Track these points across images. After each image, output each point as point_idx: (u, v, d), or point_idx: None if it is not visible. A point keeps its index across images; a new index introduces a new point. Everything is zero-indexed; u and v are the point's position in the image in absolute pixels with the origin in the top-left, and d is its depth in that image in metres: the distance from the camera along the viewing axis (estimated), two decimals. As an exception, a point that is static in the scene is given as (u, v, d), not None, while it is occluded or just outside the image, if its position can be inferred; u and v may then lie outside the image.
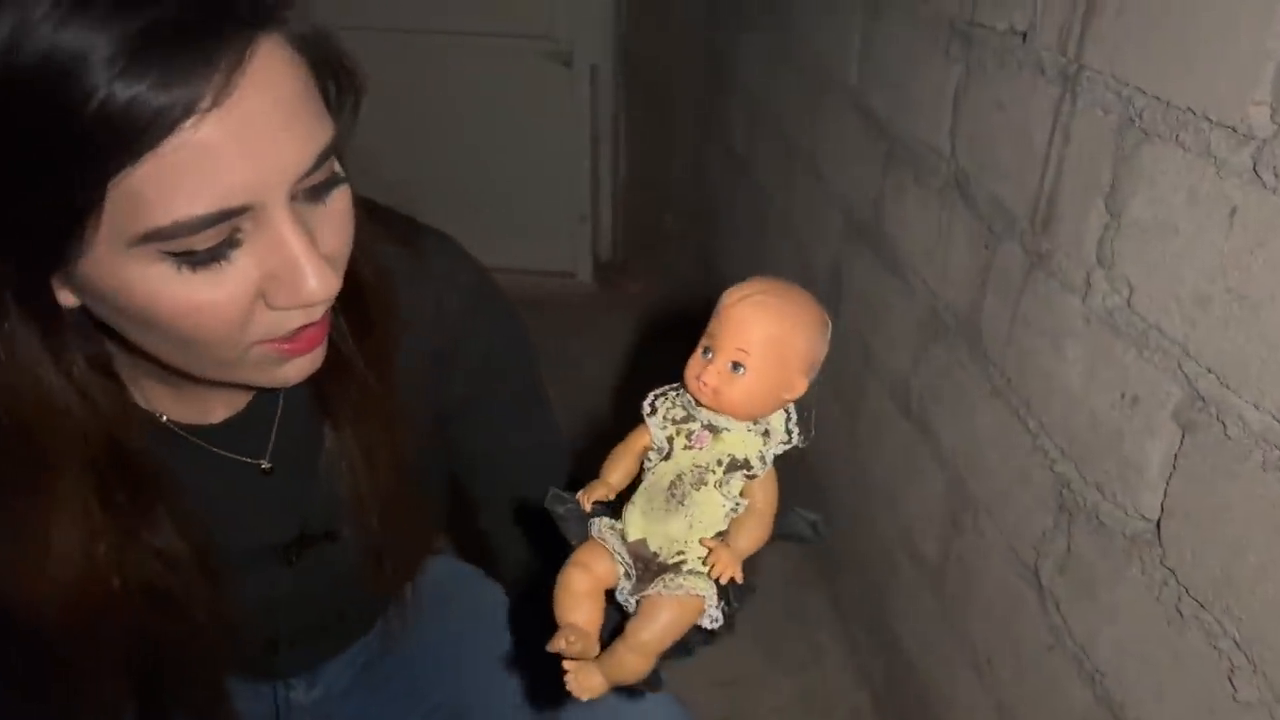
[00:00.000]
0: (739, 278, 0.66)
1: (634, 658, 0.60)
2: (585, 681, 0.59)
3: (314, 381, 0.83)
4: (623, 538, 0.62)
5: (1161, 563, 0.97)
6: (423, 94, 2.98)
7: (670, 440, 0.63)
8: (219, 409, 0.88)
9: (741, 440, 0.63)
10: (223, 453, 0.88)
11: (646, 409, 0.65)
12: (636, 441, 0.65)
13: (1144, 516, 1.00)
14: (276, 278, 0.66)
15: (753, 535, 0.62)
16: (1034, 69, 1.16)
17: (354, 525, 0.94)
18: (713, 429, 0.63)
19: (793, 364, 0.62)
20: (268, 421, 0.90)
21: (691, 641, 0.64)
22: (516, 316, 1.01)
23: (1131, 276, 1.00)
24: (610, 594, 0.64)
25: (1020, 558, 1.26)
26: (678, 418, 0.64)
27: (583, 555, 0.63)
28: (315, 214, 0.68)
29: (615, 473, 0.65)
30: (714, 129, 2.95)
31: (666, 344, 2.97)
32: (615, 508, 0.65)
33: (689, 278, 3.24)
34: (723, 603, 0.62)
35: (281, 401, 0.90)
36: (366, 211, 0.80)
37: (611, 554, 0.62)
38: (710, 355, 0.62)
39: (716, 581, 0.61)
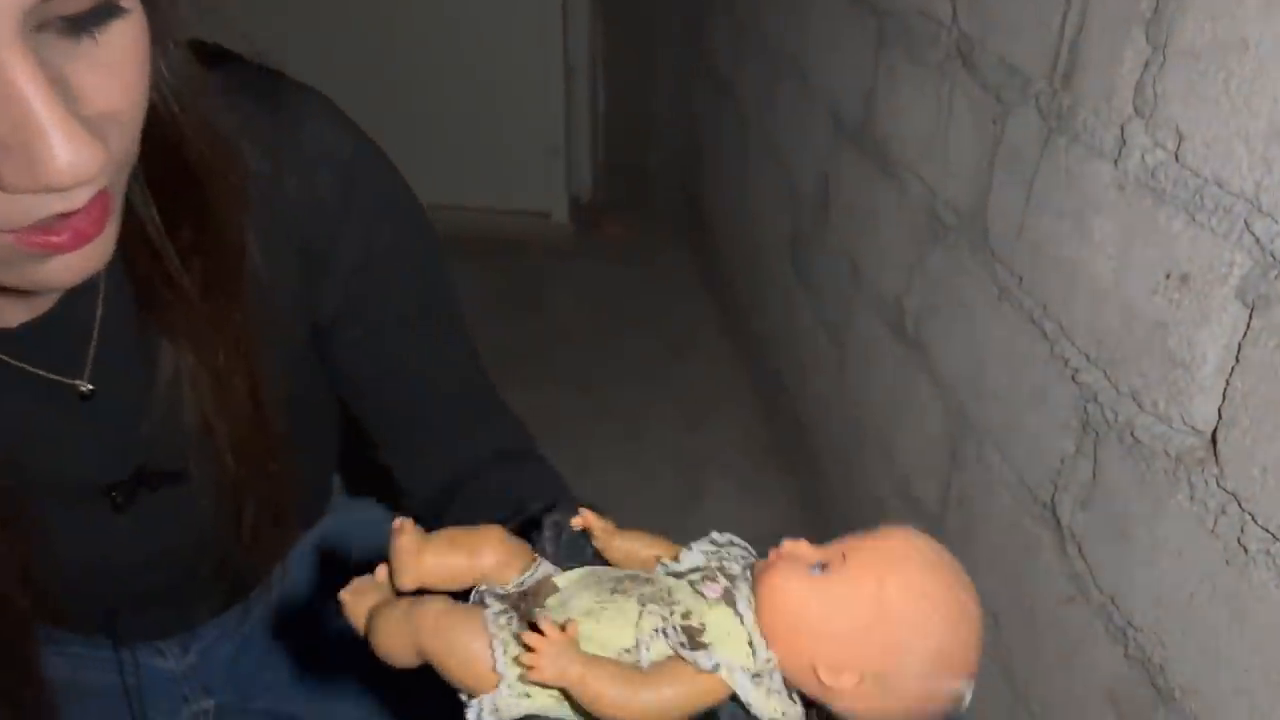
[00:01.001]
0: (722, 218, 0.43)
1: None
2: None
3: (135, 285, 0.63)
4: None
5: (1218, 485, 0.75)
6: (385, 18, 2.75)
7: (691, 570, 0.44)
8: (13, 309, 0.66)
9: (731, 644, 0.41)
10: (25, 367, 0.68)
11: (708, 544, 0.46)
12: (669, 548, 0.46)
13: (1194, 428, 0.78)
14: (6, 147, 0.46)
15: (616, 685, 0.40)
16: (1054, -116, 0.94)
17: (202, 464, 0.73)
18: (729, 599, 0.42)
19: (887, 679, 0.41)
20: (82, 330, 0.69)
21: None
22: (412, 200, 0.79)
23: (1181, 122, 0.78)
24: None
25: (1034, 493, 1.04)
26: (712, 564, 0.44)
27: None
28: (79, 56, 0.48)
29: (629, 541, 0.47)
30: (698, 53, 2.73)
31: (648, 291, 2.76)
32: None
33: (674, 220, 3.02)
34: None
35: (101, 306, 0.69)
36: (206, 59, 0.61)
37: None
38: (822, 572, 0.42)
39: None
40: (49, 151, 0.45)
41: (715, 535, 0.46)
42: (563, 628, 0.40)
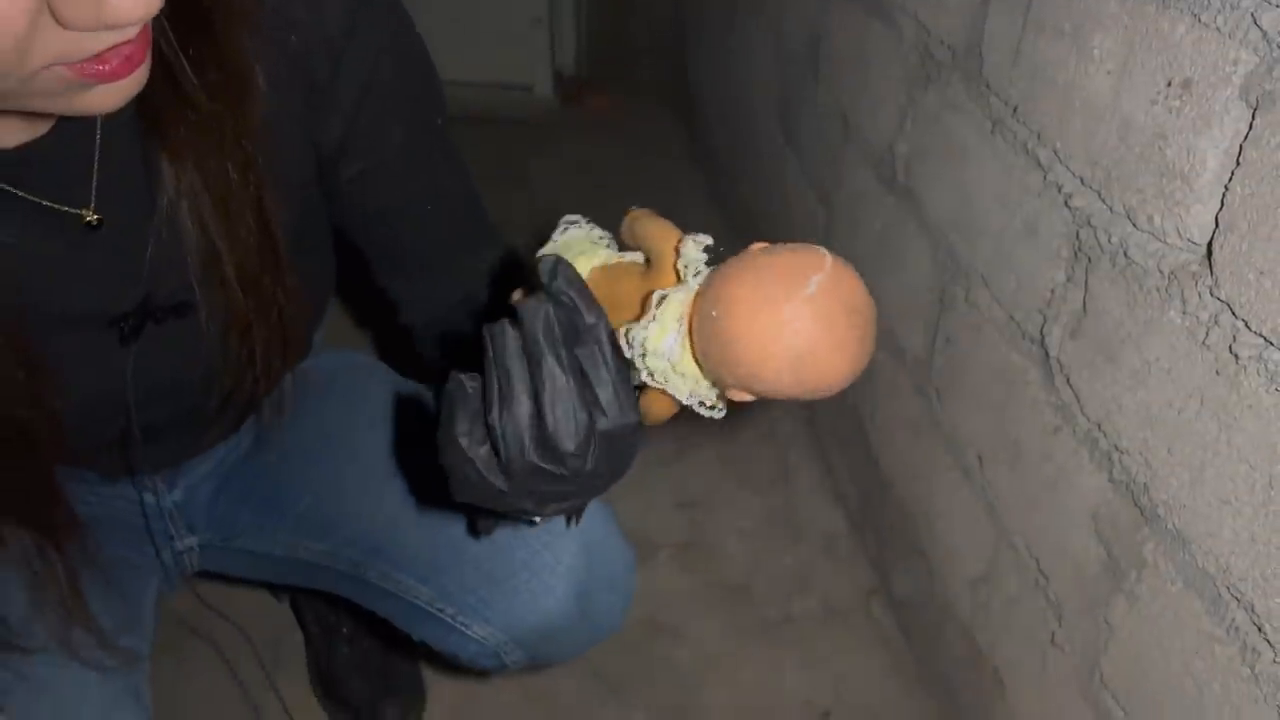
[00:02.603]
0: (709, 86, 0.41)
1: None
2: None
3: (141, 103, 0.61)
4: None
5: (1212, 294, 0.74)
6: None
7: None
8: (10, 130, 0.64)
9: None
10: (28, 197, 0.66)
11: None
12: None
13: (1191, 241, 0.77)
14: None
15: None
16: None
17: (209, 293, 0.73)
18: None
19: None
20: (84, 153, 0.67)
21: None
22: (410, 28, 0.78)
23: (1189, -84, 0.74)
24: None
25: (1022, 328, 1.03)
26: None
27: None
28: None
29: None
30: (683, -88, 2.62)
31: (633, 166, 2.71)
32: None
33: (658, 91, 2.94)
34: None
35: (99, 127, 0.67)
36: None
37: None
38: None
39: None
40: None
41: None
42: None
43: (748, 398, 0.52)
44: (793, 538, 1.64)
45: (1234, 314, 0.72)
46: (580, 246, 0.60)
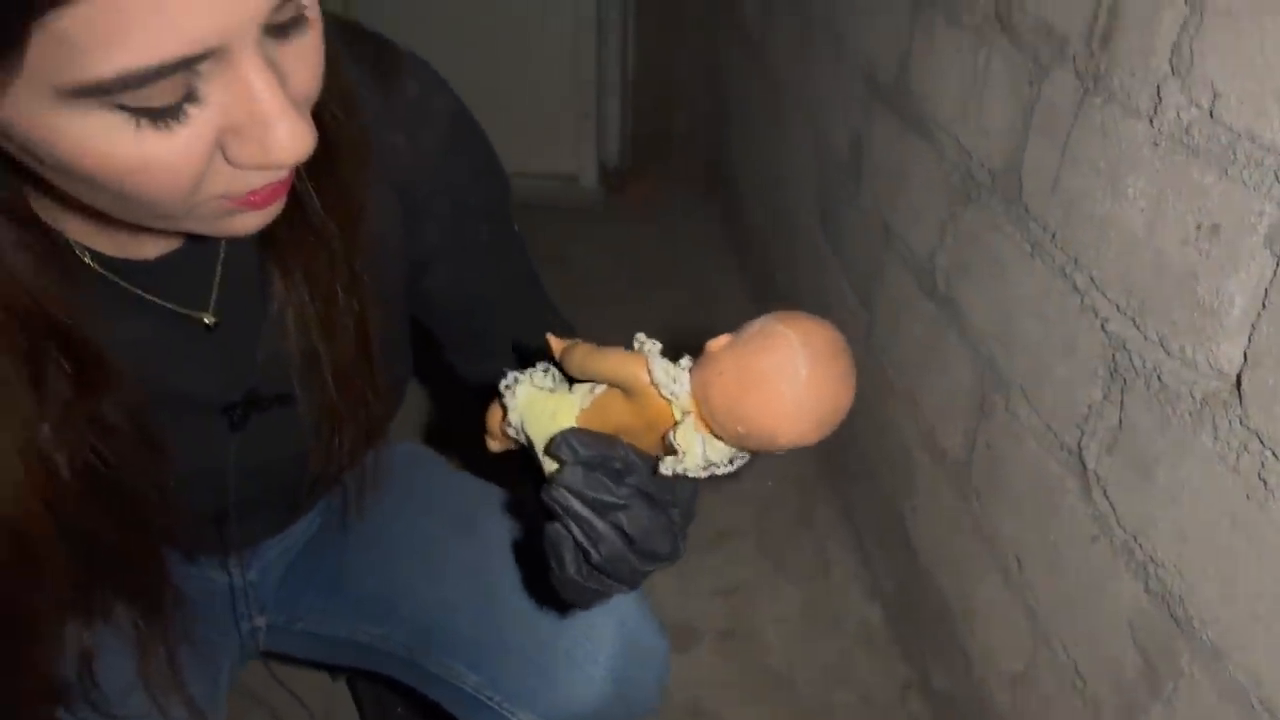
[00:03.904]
0: (750, 179, 0.49)
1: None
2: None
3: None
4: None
5: (1241, 423, 0.80)
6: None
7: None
8: (150, 244, 0.74)
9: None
10: (159, 301, 0.75)
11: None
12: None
13: (1220, 371, 0.83)
14: (240, 132, 0.54)
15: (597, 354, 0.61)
16: None
17: (307, 389, 0.81)
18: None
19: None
20: (208, 264, 0.77)
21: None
22: (493, 154, 0.89)
23: (1216, 79, 0.82)
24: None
25: (1060, 440, 1.09)
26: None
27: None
28: (285, 49, 0.55)
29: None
30: (727, 16, 2.75)
31: (673, 255, 2.80)
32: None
33: (700, 183, 3.05)
34: None
35: (224, 242, 0.77)
36: (329, 26, 0.68)
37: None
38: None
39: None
40: (278, 137, 0.53)
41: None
42: None
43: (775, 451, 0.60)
44: (831, 628, 1.68)
45: (1262, 443, 0.78)
46: (543, 405, 0.64)
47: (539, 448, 0.63)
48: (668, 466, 0.59)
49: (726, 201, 2.82)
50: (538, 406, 0.63)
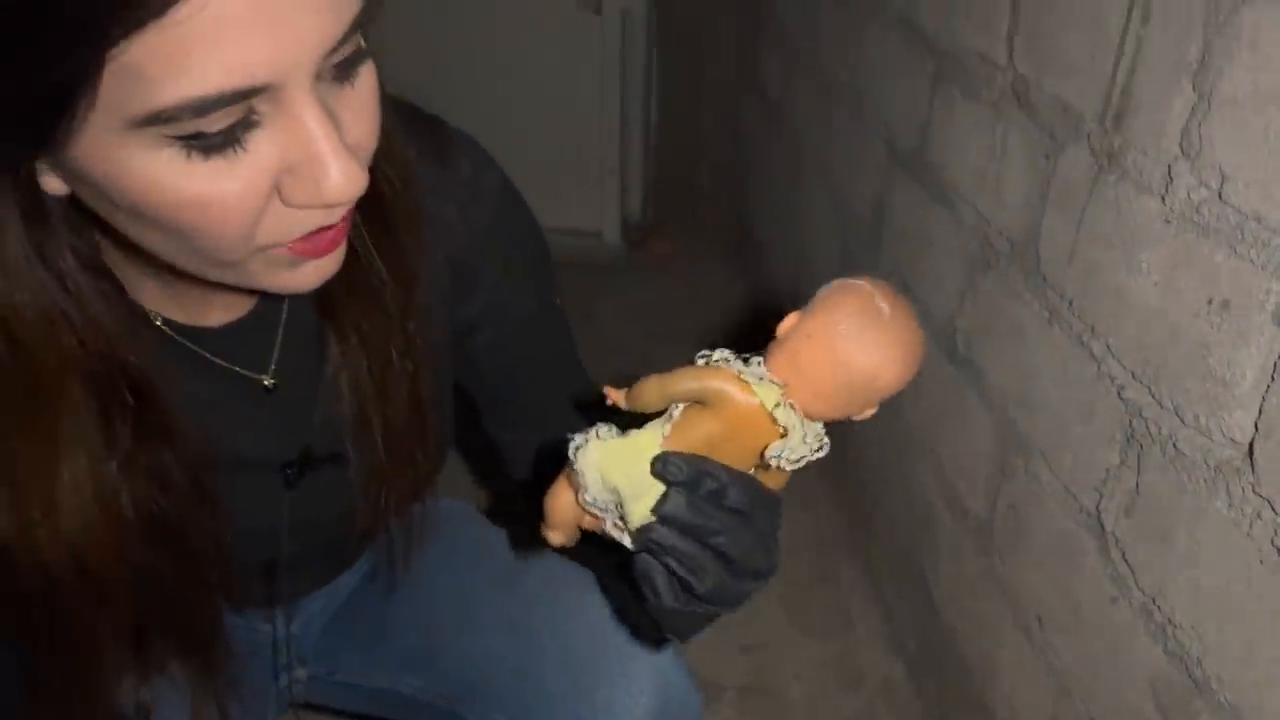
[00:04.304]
0: (771, 237, 0.54)
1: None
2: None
3: (323, 288, 0.75)
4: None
5: (1254, 491, 0.84)
6: (447, 39, 2.86)
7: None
8: (217, 312, 0.79)
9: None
10: (221, 363, 0.80)
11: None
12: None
13: (1233, 440, 0.87)
14: (295, 171, 0.57)
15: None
16: (1109, -57, 1.03)
17: (359, 449, 0.85)
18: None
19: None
20: (270, 329, 0.82)
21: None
22: (538, 227, 0.94)
23: (1224, 163, 0.86)
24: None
25: (1079, 502, 1.12)
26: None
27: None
28: (340, 97, 0.59)
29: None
30: (748, 76, 2.82)
31: (695, 310, 2.85)
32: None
33: (722, 239, 3.11)
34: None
35: (286, 309, 0.82)
36: (389, 102, 0.72)
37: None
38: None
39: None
40: (329, 176, 0.56)
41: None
42: None
43: (872, 412, 0.63)
44: (853, 684, 1.70)
45: (1275, 511, 0.81)
46: (621, 450, 0.61)
47: (628, 494, 0.59)
48: (774, 451, 0.59)
49: (749, 257, 2.87)
50: (616, 454, 0.60)
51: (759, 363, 0.60)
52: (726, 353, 0.61)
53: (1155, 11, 0.95)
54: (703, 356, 0.61)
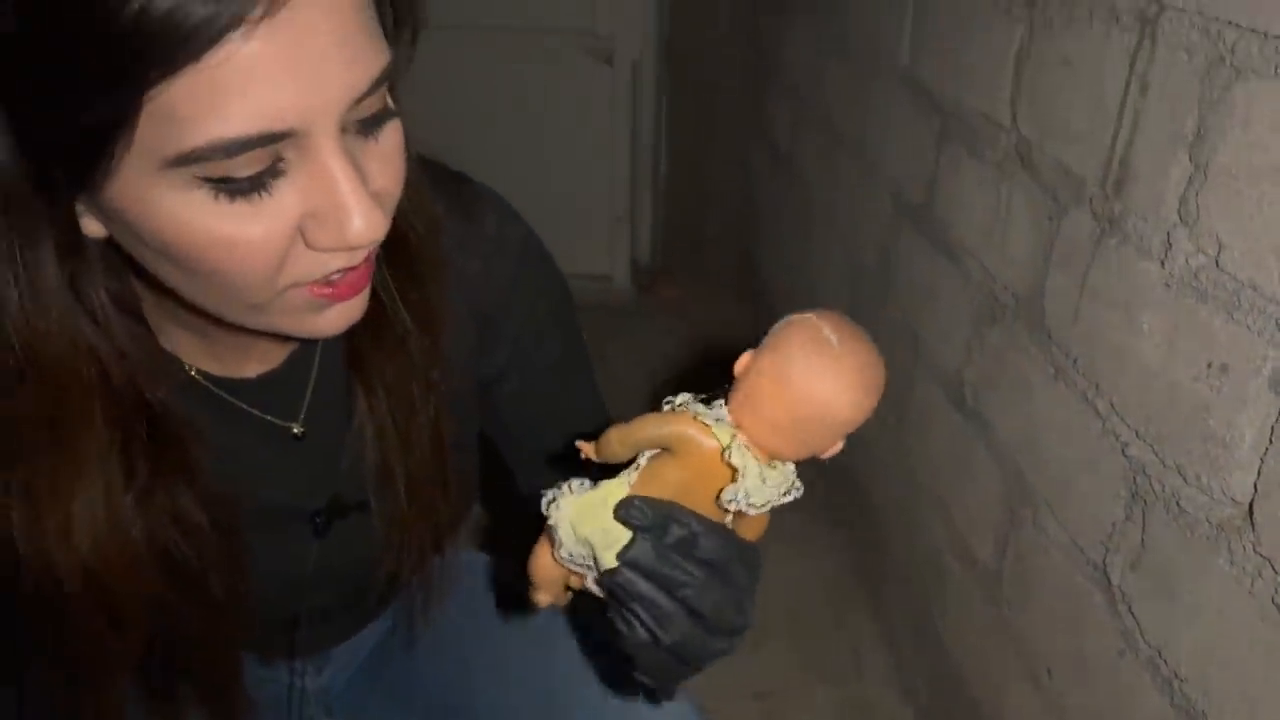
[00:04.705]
0: (779, 284, 0.58)
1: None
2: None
3: (352, 339, 0.76)
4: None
5: (1255, 550, 0.86)
6: (460, 89, 2.92)
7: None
8: (252, 364, 0.82)
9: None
10: (254, 411, 0.83)
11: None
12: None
13: (1234, 500, 0.89)
14: (319, 216, 0.60)
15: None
16: (1107, 17, 1.07)
17: (382, 497, 0.87)
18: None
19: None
20: (302, 381, 0.85)
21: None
22: (561, 278, 0.96)
23: (1220, 232, 0.90)
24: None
25: (1086, 555, 1.15)
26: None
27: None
28: (365, 150, 0.62)
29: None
30: (757, 127, 2.88)
31: (705, 353, 2.89)
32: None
33: (729, 284, 3.15)
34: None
35: (318, 361, 0.85)
36: (416, 159, 0.75)
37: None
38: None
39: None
40: (351, 220, 0.59)
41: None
42: None
43: (838, 448, 0.62)
44: (865, 730, 1.71)
45: (1275, 570, 0.84)
46: (590, 501, 0.62)
47: (600, 545, 0.60)
48: (729, 495, 0.59)
49: (757, 301, 2.91)
50: (587, 506, 0.61)
51: (720, 404, 0.60)
52: (688, 396, 0.61)
53: (1153, 84, 0.99)
54: (668, 403, 0.61)
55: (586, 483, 0.62)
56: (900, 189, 1.74)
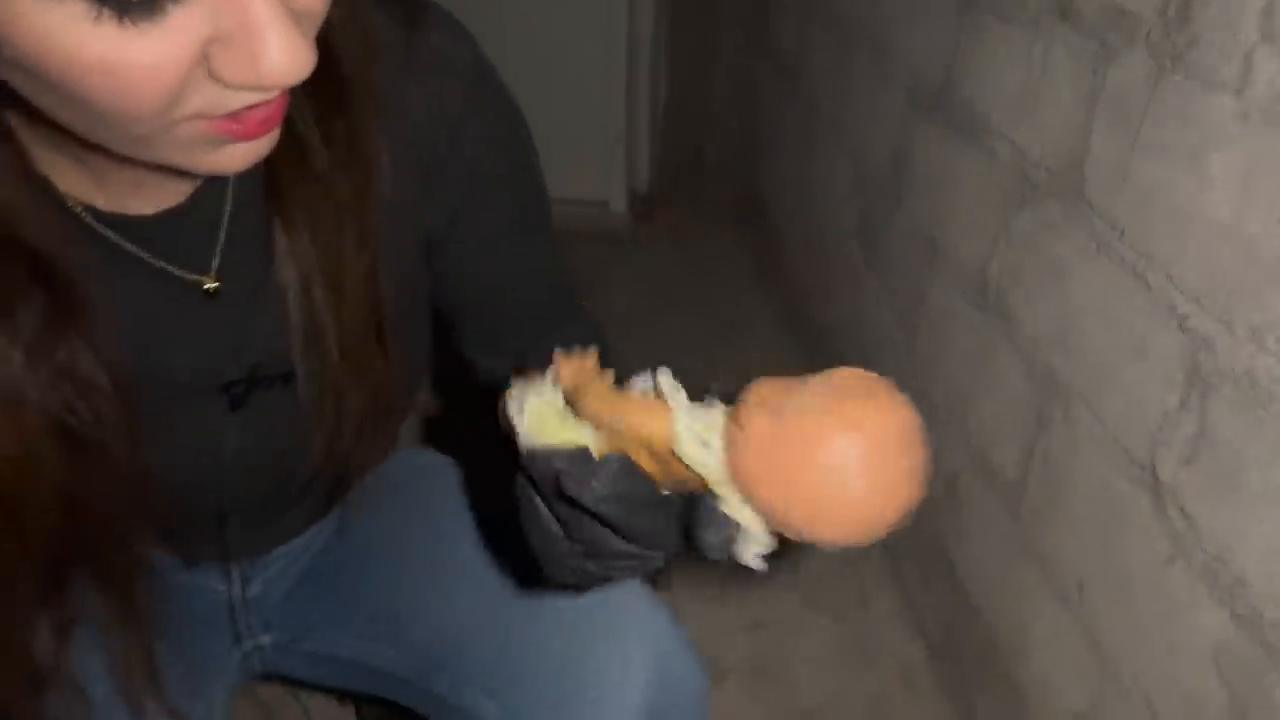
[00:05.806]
0: (783, 207, 0.42)
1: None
2: None
3: (269, 174, 0.63)
4: None
5: (1352, 421, 0.71)
6: (452, 5, 2.76)
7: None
8: (148, 197, 0.67)
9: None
10: (156, 262, 0.68)
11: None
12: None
13: (1324, 364, 0.75)
14: (227, 41, 0.47)
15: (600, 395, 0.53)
16: None
17: (309, 358, 0.74)
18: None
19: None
20: (211, 223, 0.70)
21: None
22: (520, 116, 0.81)
23: (1317, 41, 0.74)
24: None
25: (1130, 453, 1.00)
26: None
27: None
28: None
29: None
30: (760, 41, 2.71)
31: (701, 281, 2.74)
32: None
33: (729, 211, 3.00)
34: None
35: (230, 198, 0.70)
36: None
37: None
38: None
39: None
40: (269, 50, 0.47)
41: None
42: None
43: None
44: (867, 666, 1.58)
45: (1378, 442, 0.69)
46: (558, 431, 0.57)
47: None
48: (741, 543, 0.51)
49: (757, 228, 2.76)
50: (552, 431, 0.56)
51: (716, 426, 0.51)
52: (682, 395, 0.52)
53: (1230, -118, 0.83)
54: (660, 377, 0.53)
55: (559, 391, 0.56)
56: (916, 79, 1.58)
